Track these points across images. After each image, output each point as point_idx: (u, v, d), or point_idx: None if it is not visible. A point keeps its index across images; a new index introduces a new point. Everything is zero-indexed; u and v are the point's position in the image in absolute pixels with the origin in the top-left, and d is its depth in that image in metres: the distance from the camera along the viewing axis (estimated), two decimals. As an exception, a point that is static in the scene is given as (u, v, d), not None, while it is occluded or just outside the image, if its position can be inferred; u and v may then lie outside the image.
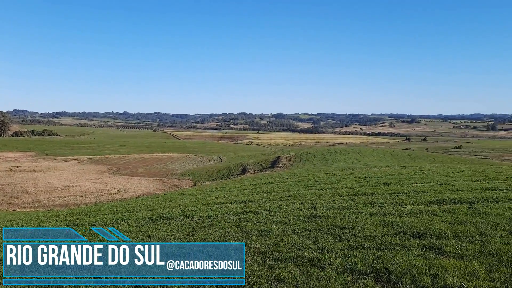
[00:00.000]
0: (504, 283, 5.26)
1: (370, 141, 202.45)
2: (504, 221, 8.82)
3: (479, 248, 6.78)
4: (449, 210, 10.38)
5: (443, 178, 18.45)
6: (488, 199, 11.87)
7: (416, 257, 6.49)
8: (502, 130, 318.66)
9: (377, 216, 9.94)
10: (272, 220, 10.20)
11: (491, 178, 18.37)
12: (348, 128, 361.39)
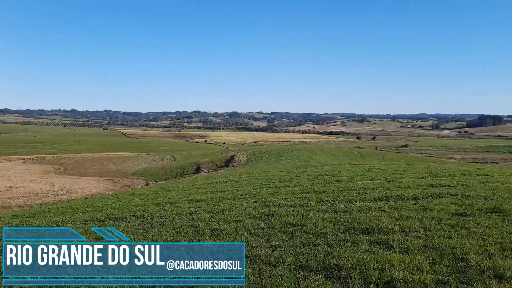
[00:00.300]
0: (445, 275, 5.52)
1: (323, 140, 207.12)
2: (446, 216, 9.28)
3: (423, 243, 7.08)
4: (396, 206, 10.77)
5: (391, 175, 19.13)
6: (432, 195, 12.45)
7: (364, 253, 6.68)
8: (445, 129, 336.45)
9: (328, 213, 10.14)
10: (225, 219, 10.15)
11: (435, 175, 19.28)
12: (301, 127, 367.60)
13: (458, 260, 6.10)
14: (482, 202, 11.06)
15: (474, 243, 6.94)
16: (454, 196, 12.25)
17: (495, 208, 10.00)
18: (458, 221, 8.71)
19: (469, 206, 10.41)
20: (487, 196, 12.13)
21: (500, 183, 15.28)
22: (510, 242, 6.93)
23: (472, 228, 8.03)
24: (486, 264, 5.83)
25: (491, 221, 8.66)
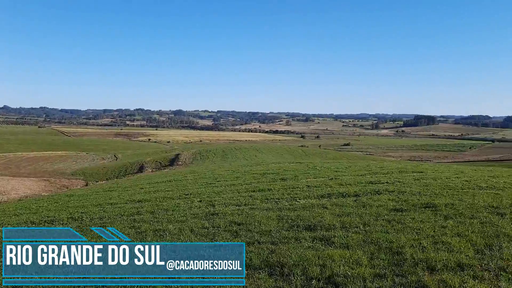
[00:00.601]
0: (382, 269, 5.75)
1: (269, 139, 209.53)
2: (384, 212, 9.69)
3: (363, 238, 7.34)
4: (338, 203, 11.10)
5: (334, 173, 19.70)
6: (371, 191, 12.96)
7: (307, 249, 6.80)
8: (384, 129, 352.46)
9: (273, 211, 10.25)
10: (169, 220, 9.95)
11: (374, 172, 20.10)
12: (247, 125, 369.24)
13: (394, 253, 6.38)
14: (417, 197, 11.68)
15: (409, 237, 7.30)
16: (392, 192, 12.83)
17: (428, 203, 10.59)
18: (395, 217, 9.12)
19: (405, 202, 10.95)
20: (421, 192, 12.83)
21: (433, 180, 16.22)
22: (441, 235, 7.36)
23: (408, 223, 8.44)
24: (420, 256, 6.14)
25: (425, 216, 9.15)
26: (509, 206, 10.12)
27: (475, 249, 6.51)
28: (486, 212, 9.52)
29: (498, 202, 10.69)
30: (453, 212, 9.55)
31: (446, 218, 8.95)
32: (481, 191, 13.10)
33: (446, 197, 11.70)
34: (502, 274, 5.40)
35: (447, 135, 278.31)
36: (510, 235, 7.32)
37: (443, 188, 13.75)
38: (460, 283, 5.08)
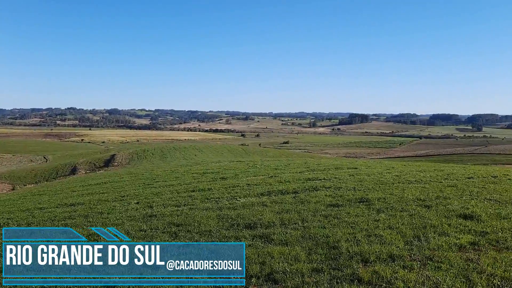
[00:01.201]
0: (320, 263, 5.91)
1: (209, 138, 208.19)
2: (321, 208, 9.97)
3: (301, 234, 7.49)
4: (278, 200, 11.27)
5: (273, 171, 19.98)
6: (309, 188, 13.29)
7: (247, 248, 6.82)
8: (321, 127, 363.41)
9: (213, 211, 10.18)
10: (103, 223, 9.55)
11: (312, 169, 20.66)
12: (187, 124, 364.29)
13: (331, 248, 6.58)
14: (352, 193, 12.15)
15: (344, 231, 7.56)
16: (328, 188, 13.25)
17: (362, 198, 11.05)
18: (331, 212, 9.42)
19: (341, 197, 11.35)
20: (356, 187, 13.37)
21: (366, 175, 16.97)
22: (374, 229, 7.70)
23: (343, 218, 8.75)
24: (355, 250, 6.38)
25: (359, 210, 9.54)
26: (434, 199, 10.82)
27: (405, 241, 6.88)
28: (414, 205, 10.11)
29: (425, 195, 11.40)
30: (385, 205, 10.04)
31: (379, 211, 9.39)
32: (410, 185, 13.90)
33: (379, 192, 12.28)
34: (429, 263, 5.75)
35: (379, 133, 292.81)
36: (435, 226, 7.82)
37: (376, 183, 14.42)
38: (391, 274, 5.34)
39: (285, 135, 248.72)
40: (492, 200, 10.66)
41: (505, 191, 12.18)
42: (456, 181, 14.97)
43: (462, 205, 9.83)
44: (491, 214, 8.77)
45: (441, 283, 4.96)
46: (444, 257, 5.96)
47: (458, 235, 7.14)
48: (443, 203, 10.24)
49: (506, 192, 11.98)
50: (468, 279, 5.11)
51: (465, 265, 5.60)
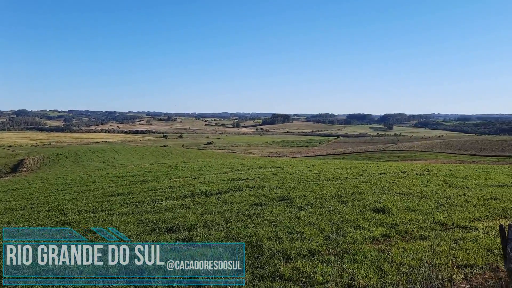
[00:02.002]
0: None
1: (128, 139, 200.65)
2: (245, 207, 10.04)
3: (224, 234, 7.47)
4: (201, 202, 11.15)
5: (197, 172, 19.78)
6: (233, 188, 13.34)
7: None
8: (245, 127, 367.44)
9: (133, 215, 9.81)
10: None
11: (236, 169, 20.79)
12: (104, 126, 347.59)
13: (254, 247, 6.64)
14: (274, 191, 12.41)
15: (267, 229, 7.68)
16: (252, 188, 13.40)
17: (284, 196, 11.33)
18: (254, 211, 9.52)
19: (264, 196, 11.53)
20: (278, 186, 13.68)
21: (288, 174, 17.44)
22: (295, 226, 7.91)
23: (266, 216, 8.89)
24: (277, 247, 6.50)
25: (281, 208, 9.75)
26: (351, 194, 11.41)
27: (323, 236, 7.15)
28: (332, 201, 10.57)
29: (342, 191, 11.97)
30: (306, 203, 10.38)
31: (300, 209, 9.67)
32: (328, 182, 14.53)
33: (300, 190, 12.67)
34: (345, 256, 6.03)
35: (300, 132, 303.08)
36: (351, 220, 8.23)
37: (297, 181, 14.87)
38: (311, 268, 5.51)
39: (209, 136, 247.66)
40: (401, 194, 11.49)
41: (413, 185, 13.20)
42: (370, 177, 15.93)
43: (375, 200, 10.47)
44: (401, 207, 9.43)
45: (356, 275, 5.21)
46: (359, 249, 6.28)
47: (372, 228, 7.57)
48: (358, 198, 10.83)
49: (414, 186, 12.98)
50: (380, 269, 5.43)
51: (377, 256, 5.95)
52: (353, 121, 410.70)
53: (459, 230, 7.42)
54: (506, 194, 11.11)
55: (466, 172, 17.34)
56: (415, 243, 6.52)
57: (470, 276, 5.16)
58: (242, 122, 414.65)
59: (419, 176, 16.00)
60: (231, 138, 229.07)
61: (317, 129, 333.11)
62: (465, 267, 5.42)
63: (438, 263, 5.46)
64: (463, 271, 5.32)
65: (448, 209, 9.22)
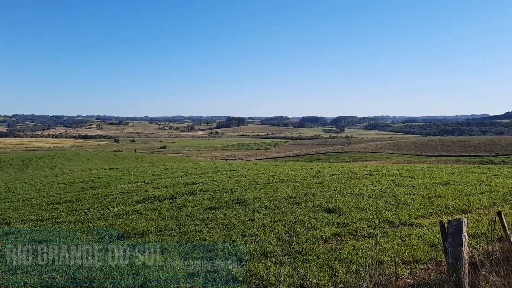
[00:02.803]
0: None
1: (77, 144, 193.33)
2: (199, 212, 9.95)
3: (178, 240, 7.37)
4: (154, 207, 10.94)
5: (150, 177, 19.38)
6: (187, 193, 13.19)
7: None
8: (199, 130, 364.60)
9: (82, 223, 9.47)
10: None
11: (190, 173, 20.57)
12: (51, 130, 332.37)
13: (208, 251, 6.59)
14: (229, 194, 12.40)
15: (221, 233, 7.65)
16: (206, 192, 13.31)
17: (239, 199, 11.34)
18: (208, 215, 9.47)
19: (218, 200, 11.48)
20: (233, 189, 13.68)
21: (243, 177, 17.48)
22: (249, 228, 7.93)
23: (220, 220, 8.86)
24: (231, 250, 6.49)
25: (236, 211, 9.76)
26: (304, 195, 11.61)
27: (277, 237, 7.22)
28: (286, 202, 10.71)
29: (296, 193, 12.16)
30: (260, 205, 10.44)
31: (254, 211, 9.72)
32: (283, 184, 14.71)
33: (254, 192, 12.74)
34: (298, 256, 6.12)
35: (255, 135, 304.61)
36: (304, 221, 8.37)
37: (252, 184, 14.94)
38: (264, 270, 5.55)
39: (163, 140, 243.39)
40: (352, 193, 11.83)
41: (363, 185, 13.63)
42: (322, 178, 16.28)
43: (327, 200, 10.71)
44: (351, 207, 9.71)
45: (308, 274, 5.31)
46: (311, 249, 6.40)
47: (324, 228, 7.74)
48: (311, 199, 11.04)
49: (364, 186, 13.41)
50: (331, 267, 5.56)
51: (329, 255, 6.09)
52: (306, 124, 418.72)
53: (406, 227, 7.74)
54: (448, 192, 11.72)
55: (412, 172, 18.12)
56: (364, 241, 6.73)
57: (415, 271, 5.39)
58: (197, 125, 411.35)
59: (369, 176, 16.54)
60: (185, 142, 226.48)
61: (272, 131, 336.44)
62: (411, 263, 5.66)
63: (386, 260, 5.67)
64: (408, 266, 5.56)
65: (396, 207, 9.60)
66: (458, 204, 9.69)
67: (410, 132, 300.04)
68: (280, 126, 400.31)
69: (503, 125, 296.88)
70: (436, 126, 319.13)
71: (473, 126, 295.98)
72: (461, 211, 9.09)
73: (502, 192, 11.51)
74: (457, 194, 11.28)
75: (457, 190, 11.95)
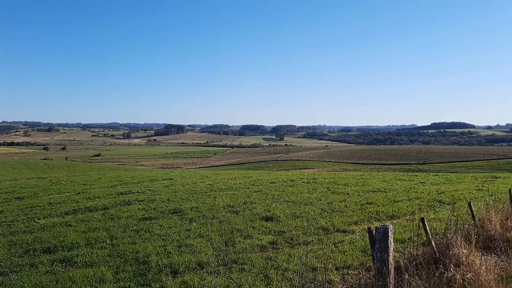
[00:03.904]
0: (128, 281, 5.62)
1: (2, 152, 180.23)
2: (133, 222, 9.61)
3: (109, 252, 7.04)
4: (84, 218, 10.41)
5: (81, 187, 18.49)
6: (121, 203, 12.70)
7: (44, 274, 6.05)
8: (136, 138, 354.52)
9: (4, 237, 8.78)
10: None
11: (126, 182, 19.88)
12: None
13: (141, 263, 6.35)
14: (166, 204, 12.11)
15: (156, 244, 7.42)
16: (142, 201, 12.91)
17: (175, 209, 11.11)
18: (143, 226, 9.16)
19: (154, 210, 11.17)
20: (170, 198, 13.39)
21: (181, 186, 17.20)
22: (185, 239, 7.78)
23: (155, 231, 8.61)
24: (165, 262, 6.30)
25: (172, 222, 9.54)
26: (242, 204, 11.63)
27: (213, 247, 7.14)
28: (224, 211, 10.66)
29: (234, 201, 12.15)
30: (197, 214, 10.30)
31: (191, 221, 9.56)
32: (221, 192, 14.65)
33: (192, 201, 12.56)
34: (234, 266, 6.07)
35: (195, 143, 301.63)
36: (242, 230, 8.36)
37: (190, 193, 14.72)
38: (198, 281, 5.44)
39: (97, 148, 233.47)
40: (289, 201, 12.04)
41: (300, 193, 13.94)
42: (261, 186, 16.45)
43: (265, 208, 10.81)
44: (288, 215, 9.87)
45: (243, 284, 5.28)
46: (247, 258, 6.39)
47: (261, 237, 7.78)
48: (250, 207, 11.08)
49: (301, 194, 13.71)
50: (267, 276, 5.58)
51: (265, 264, 6.11)
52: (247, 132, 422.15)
53: (339, 234, 7.99)
54: (379, 198, 12.30)
55: (347, 180, 18.84)
56: (299, 249, 6.83)
57: (346, 276, 5.56)
58: (134, 133, 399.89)
59: (306, 184, 16.96)
60: (121, 149, 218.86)
61: (212, 140, 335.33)
62: (343, 268, 5.83)
63: (319, 266, 5.79)
64: (340, 272, 5.72)
65: (330, 214, 9.89)
66: (388, 210, 10.19)
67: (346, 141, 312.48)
68: (221, 134, 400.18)
69: (429, 135, 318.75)
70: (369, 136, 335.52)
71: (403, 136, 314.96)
72: (390, 217, 9.56)
73: (427, 198, 12.27)
74: (387, 201, 11.86)
75: (387, 197, 12.57)
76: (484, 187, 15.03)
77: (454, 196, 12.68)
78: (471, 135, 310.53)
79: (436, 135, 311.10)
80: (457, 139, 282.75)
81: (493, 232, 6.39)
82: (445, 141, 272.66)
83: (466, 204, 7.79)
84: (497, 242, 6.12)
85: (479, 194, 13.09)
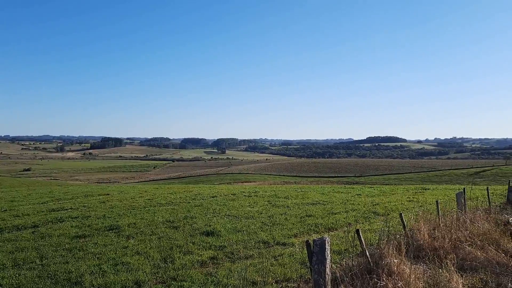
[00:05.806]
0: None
1: None
2: (66, 241, 9.11)
3: (38, 273, 6.60)
4: (12, 238, 9.73)
5: (9, 203, 17.31)
6: (53, 220, 12.01)
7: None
8: (71, 151, 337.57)
9: None
10: None
11: (58, 198, 18.84)
12: None
13: (73, 284, 6.02)
14: (101, 221, 11.61)
15: (90, 263, 7.08)
16: (75, 218, 12.28)
17: (112, 226, 10.68)
18: (77, 244, 8.72)
19: (89, 227, 10.67)
20: (106, 214, 12.86)
21: (118, 201, 16.58)
22: (122, 256, 7.49)
23: (90, 249, 8.21)
24: (99, 282, 6.02)
25: (108, 239, 9.16)
26: (182, 219, 11.43)
27: (152, 264, 6.94)
28: (164, 227, 10.41)
29: (174, 217, 11.91)
30: (135, 231, 9.97)
31: (128, 238, 9.24)
32: (161, 207, 14.31)
33: (130, 217, 12.14)
34: (173, 283, 5.94)
35: (134, 156, 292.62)
36: (182, 245, 8.21)
37: (127, 208, 14.24)
38: (136, 301, 5.26)
39: (27, 161, 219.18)
40: (231, 216, 12.02)
41: (241, 207, 13.96)
42: (202, 200, 16.27)
43: (205, 223, 10.70)
44: (229, 229, 9.84)
45: (183, 302, 5.17)
46: (187, 275, 6.28)
47: (201, 252, 7.68)
48: (190, 222, 10.92)
49: (242, 207, 13.74)
50: (207, 292, 5.51)
51: (205, 280, 6.03)
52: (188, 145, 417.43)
53: (279, 247, 8.08)
54: (318, 211, 12.63)
55: (287, 192, 19.18)
56: (240, 263, 6.83)
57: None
58: (68, 146, 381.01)
59: (247, 197, 17.03)
60: (54, 164, 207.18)
61: (152, 153, 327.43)
62: (282, 281, 5.90)
63: (259, 280, 5.82)
64: (280, 285, 5.78)
65: (271, 227, 9.99)
66: (326, 222, 10.48)
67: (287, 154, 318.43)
68: (161, 147, 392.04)
69: (365, 148, 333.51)
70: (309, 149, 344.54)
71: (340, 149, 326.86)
72: (328, 229, 9.83)
73: (363, 210, 12.79)
74: (326, 213, 12.21)
75: (326, 209, 12.94)
76: (414, 199, 15.95)
77: (388, 207, 13.33)
78: (403, 149, 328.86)
79: (371, 149, 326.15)
80: (390, 152, 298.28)
81: (422, 241, 6.78)
82: (379, 154, 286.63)
83: (398, 215, 8.22)
84: (425, 251, 6.50)
85: (410, 205, 13.87)
